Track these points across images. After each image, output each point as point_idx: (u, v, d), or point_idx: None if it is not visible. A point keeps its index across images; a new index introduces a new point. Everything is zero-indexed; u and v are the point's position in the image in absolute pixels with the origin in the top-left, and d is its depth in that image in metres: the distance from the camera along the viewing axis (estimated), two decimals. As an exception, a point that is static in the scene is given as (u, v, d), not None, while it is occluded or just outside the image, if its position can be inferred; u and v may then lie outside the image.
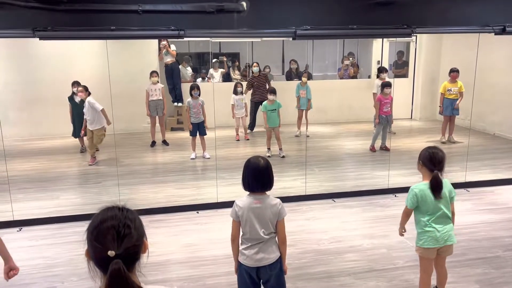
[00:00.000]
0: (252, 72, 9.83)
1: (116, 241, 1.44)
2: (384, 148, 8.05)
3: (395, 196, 5.86)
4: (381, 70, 9.59)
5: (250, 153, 8.31)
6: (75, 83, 7.80)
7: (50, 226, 5.07)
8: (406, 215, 3.41)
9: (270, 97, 7.77)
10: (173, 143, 8.87)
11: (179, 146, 8.73)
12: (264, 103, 7.88)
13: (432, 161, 3.22)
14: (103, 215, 1.54)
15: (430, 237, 3.23)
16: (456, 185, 5.95)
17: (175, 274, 4.00)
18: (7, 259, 2.72)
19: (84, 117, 7.43)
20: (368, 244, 4.53)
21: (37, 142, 9.04)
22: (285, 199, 2.97)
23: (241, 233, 2.92)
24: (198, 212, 5.42)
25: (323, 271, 4.01)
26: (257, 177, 2.85)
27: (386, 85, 8.16)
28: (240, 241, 2.93)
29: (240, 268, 2.92)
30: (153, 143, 8.64)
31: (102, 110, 7.34)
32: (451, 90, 8.37)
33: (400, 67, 11.31)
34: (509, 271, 3.99)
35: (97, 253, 1.45)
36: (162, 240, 4.69)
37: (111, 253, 1.41)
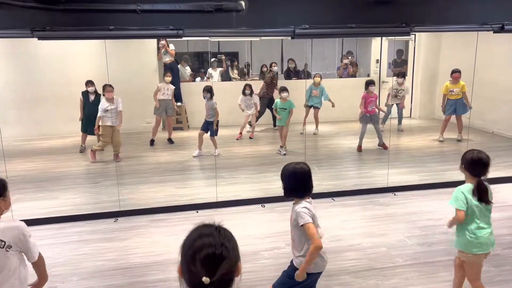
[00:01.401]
0: (272, 71, 9.85)
1: (212, 265, 1.32)
2: (382, 147, 8.05)
3: (394, 194, 5.86)
4: (397, 74, 9.64)
5: (249, 152, 8.32)
6: (89, 82, 7.85)
7: (50, 226, 5.07)
8: (458, 221, 3.12)
9: (283, 94, 7.78)
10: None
11: (178, 145, 8.74)
12: (277, 100, 7.88)
13: (472, 165, 3.11)
14: (199, 232, 1.42)
15: (480, 243, 3.08)
16: (456, 184, 5.98)
17: (175, 274, 3.98)
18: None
19: (102, 114, 7.35)
20: (367, 242, 4.53)
21: (37, 142, 9.04)
22: (285, 198, 2.97)
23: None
24: (197, 212, 5.42)
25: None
26: (308, 180, 2.86)
27: (370, 82, 8.10)
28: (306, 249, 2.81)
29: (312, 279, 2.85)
30: (152, 142, 8.66)
31: (120, 112, 7.44)
32: (453, 91, 8.38)
33: (399, 65, 11.32)
34: (508, 269, 4.00)
35: (190, 275, 1.34)
36: (162, 240, 4.70)
37: (205, 280, 1.29)
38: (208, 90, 7.61)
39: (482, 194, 3.06)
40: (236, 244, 1.42)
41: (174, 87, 8.75)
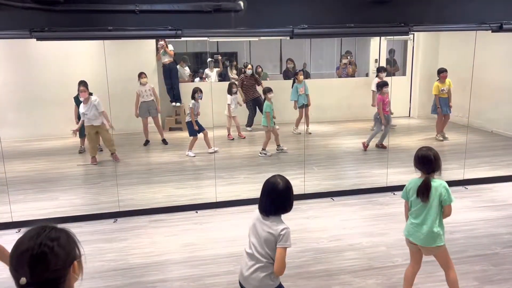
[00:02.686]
0: (245, 73, 9.85)
1: (30, 265, 1.30)
2: (381, 146, 8.06)
3: (394, 194, 5.87)
4: (379, 69, 9.64)
5: (249, 152, 8.32)
6: (82, 83, 7.72)
7: (49, 227, 5.07)
8: (405, 207, 3.47)
9: (270, 95, 7.76)
10: (172, 143, 8.89)
11: (177, 145, 8.74)
12: (268, 103, 7.78)
13: (418, 162, 3.20)
14: (22, 237, 1.39)
15: (408, 227, 3.34)
16: (454, 183, 5.99)
17: (174, 274, 4.00)
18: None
19: (82, 117, 7.37)
20: (367, 242, 4.54)
21: (36, 142, 9.03)
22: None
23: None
24: (197, 212, 5.42)
25: (323, 270, 4.02)
26: (270, 198, 2.66)
27: (384, 84, 8.12)
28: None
29: None
30: (147, 142, 8.73)
31: (103, 113, 7.35)
32: (444, 90, 8.50)
33: (393, 64, 11.35)
34: (508, 268, 4.00)
35: (14, 279, 1.32)
36: (161, 240, 4.70)
37: (22, 280, 1.29)
38: (201, 90, 7.87)
39: (420, 191, 3.17)
40: (66, 243, 1.42)
41: (152, 86, 8.73)
